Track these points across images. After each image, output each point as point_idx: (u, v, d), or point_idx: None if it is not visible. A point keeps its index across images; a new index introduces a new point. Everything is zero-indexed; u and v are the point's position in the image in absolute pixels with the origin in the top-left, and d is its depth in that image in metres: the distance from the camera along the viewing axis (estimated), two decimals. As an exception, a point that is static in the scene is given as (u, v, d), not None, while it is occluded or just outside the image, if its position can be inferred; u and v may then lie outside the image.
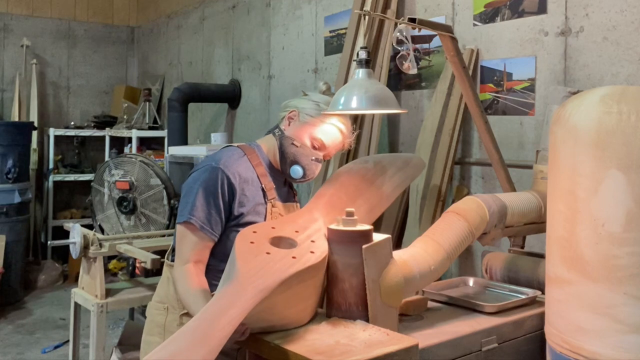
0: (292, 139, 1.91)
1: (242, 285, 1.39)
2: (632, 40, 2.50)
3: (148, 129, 5.97)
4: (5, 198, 5.22)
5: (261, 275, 1.41)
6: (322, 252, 1.54)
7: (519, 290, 2.05)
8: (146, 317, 2.04)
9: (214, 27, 5.57)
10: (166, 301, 1.94)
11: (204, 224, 1.80)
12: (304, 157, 1.90)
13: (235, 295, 1.38)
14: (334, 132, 1.92)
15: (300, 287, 1.48)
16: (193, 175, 1.89)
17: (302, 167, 1.90)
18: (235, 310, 1.35)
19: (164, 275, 2.00)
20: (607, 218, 1.50)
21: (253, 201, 1.87)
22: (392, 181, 1.95)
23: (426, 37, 3.37)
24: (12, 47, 6.43)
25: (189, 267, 1.80)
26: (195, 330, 1.34)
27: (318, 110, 1.91)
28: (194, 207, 1.80)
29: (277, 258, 1.48)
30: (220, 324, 1.34)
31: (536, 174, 2.20)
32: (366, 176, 1.92)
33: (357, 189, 1.88)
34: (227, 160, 1.87)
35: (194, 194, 1.82)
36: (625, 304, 1.48)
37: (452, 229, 1.82)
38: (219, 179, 1.82)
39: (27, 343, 4.36)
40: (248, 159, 1.91)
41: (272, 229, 1.62)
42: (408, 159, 2.06)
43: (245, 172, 1.88)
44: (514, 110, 2.96)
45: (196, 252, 1.82)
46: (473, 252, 3.11)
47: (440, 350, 1.62)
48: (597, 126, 1.52)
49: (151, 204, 4.08)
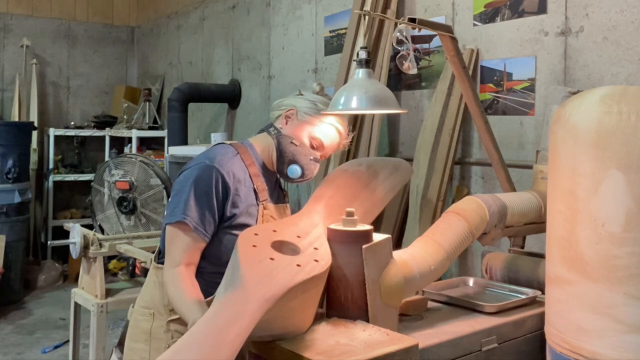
0: (291, 138, 1.84)
1: (248, 293, 1.35)
2: (632, 40, 2.50)
3: (148, 129, 5.97)
4: (5, 198, 5.21)
5: (266, 283, 1.38)
6: (327, 262, 1.52)
7: (519, 290, 2.04)
8: (129, 322, 1.94)
9: (214, 27, 5.57)
10: (152, 306, 1.84)
11: (198, 225, 1.72)
12: (302, 157, 1.84)
13: (242, 305, 1.35)
14: (333, 133, 1.88)
15: (303, 297, 1.45)
16: (185, 173, 1.80)
17: (300, 166, 1.84)
18: (243, 322, 1.31)
19: (150, 279, 1.90)
20: (607, 218, 1.50)
21: (246, 202, 1.80)
22: (384, 185, 1.92)
23: (426, 37, 3.37)
24: (12, 47, 6.43)
25: (181, 270, 1.71)
26: (205, 343, 1.30)
27: (316, 109, 1.86)
28: (187, 206, 1.71)
29: (281, 265, 1.44)
30: (229, 337, 1.29)
31: (536, 174, 2.20)
32: (361, 179, 1.89)
33: (353, 192, 1.85)
34: (221, 158, 1.78)
35: (186, 192, 1.73)
36: (625, 304, 1.48)
37: (452, 229, 1.82)
38: (213, 178, 1.74)
39: (27, 343, 4.36)
40: (241, 158, 1.84)
41: (274, 232, 1.58)
42: (397, 163, 2.02)
43: (238, 171, 1.80)
44: (514, 110, 2.96)
45: (188, 253, 1.73)
46: (473, 252, 3.11)
47: (440, 350, 1.62)
48: (597, 126, 1.51)
49: (151, 204, 4.08)
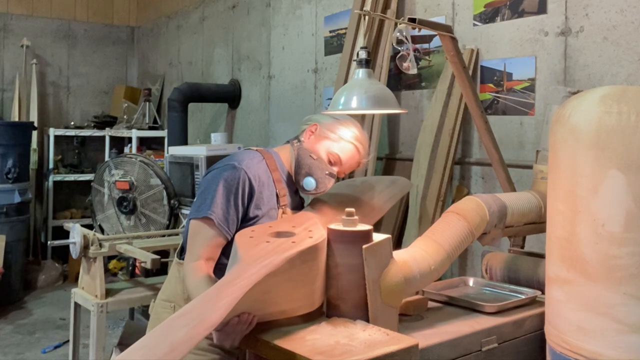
0: (310, 152, 1.96)
1: (247, 263, 1.45)
2: (632, 40, 2.50)
3: (148, 129, 5.97)
4: (5, 198, 5.21)
5: (263, 255, 1.47)
6: (321, 236, 1.58)
7: (519, 290, 2.05)
8: (150, 316, 2.06)
9: (214, 27, 5.57)
10: (173, 300, 1.97)
11: (222, 222, 1.82)
12: (318, 170, 1.95)
13: (240, 270, 1.44)
14: (351, 149, 1.96)
15: (303, 268, 1.51)
16: (213, 172, 1.91)
17: (315, 179, 1.95)
18: (241, 279, 1.40)
19: (172, 274, 2.02)
20: (607, 218, 1.50)
21: (268, 205, 1.92)
22: (381, 196, 2.02)
23: (426, 37, 3.37)
24: (12, 47, 6.43)
25: (200, 264, 1.82)
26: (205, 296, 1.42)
27: (341, 127, 1.96)
28: (213, 203, 1.82)
29: (277, 243, 1.53)
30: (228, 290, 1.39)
31: (536, 174, 2.20)
32: (355, 190, 2.00)
33: (348, 199, 1.95)
34: (249, 162, 1.91)
35: (213, 190, 1.84)
36: (625, 304, 1.48)
37: (452, 229, 1.82)
38: (240, 179, 1.85)
39: (27, 343, 4.36)
40: (266, 164, 1.96)
41: (270, 227, 1.68)
42: (394, 179, 2.13)
43: (263, 175, 1.93)
44: (514, 110, 2.96)
45: (209, 248, 1.84)
46: (473, 252, 3.12)
47: (440, 350, 1.62)
48: (597, 126, 1.52)
49: (151, 204, 4.08)
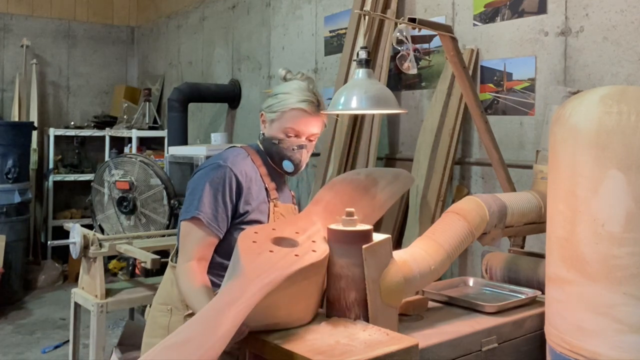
0: (271, 139, 1.96)
1: (248, 279, 1.43)
2: (632, 40, 2.50)
3: (148, 129, 5.97)
4: (5, 198, 5.21)
5: (265, 270, 1.45)
6: (324, 251, 1.57)
7: (519, 290, 2.04)
8: (146, 320, 2.04)
9: (214, 27, 5.57)
10: (169, 302, 1.96)
11: (211, 220, 1.82)
12: (287, 151, 1.95)
13: (242, 288, 1.42)
14: (298, 114, 1.94)
15: (304, 284, 1.50)
16: (199, 173, 1.91)
17: (289, 159, 1.96)
18: (242, 301, 1.39)
19: (167, 277, 2.01)
20: (607, 218, 1.50)
21: (257, 200, 1.92)
22: (384, 193, 2.00)
23: (426, 37, 3.37)
24: (12, 47, 6.43)
25: (192, 265, 1.81)
26: (206, 320, 1.39)
27: (278, 101, 1.95)
28: (200, 203, 1.82)
29: (280, 255, 1.51)
30: (230, 314, 1.37)
31: (536, 174, 2.20)
32: (359, 186, 1.98)
33: (352, 197, 1.93)
34: (234, 159, 1.91)
35: (200, 190, 1.84)
36: (625, 303, 1.48)
37: (452, 229, 1.82)
38: (226, 177, 1.85)
39: (27, 343, 4.36)
40: (252, 160, 1.97)
41: (273, 230, 1.65)
42: (397, 173, 2.11)
43: (250, 171, 1.93)
44: (514, 110, 2.96)
45: (201, 248, 1.83)
46: (473, 252, 3.12)
47: (440, 350, 1.62)
48: (597, 126, 1.52)
49: (151, 204, 4.08)
